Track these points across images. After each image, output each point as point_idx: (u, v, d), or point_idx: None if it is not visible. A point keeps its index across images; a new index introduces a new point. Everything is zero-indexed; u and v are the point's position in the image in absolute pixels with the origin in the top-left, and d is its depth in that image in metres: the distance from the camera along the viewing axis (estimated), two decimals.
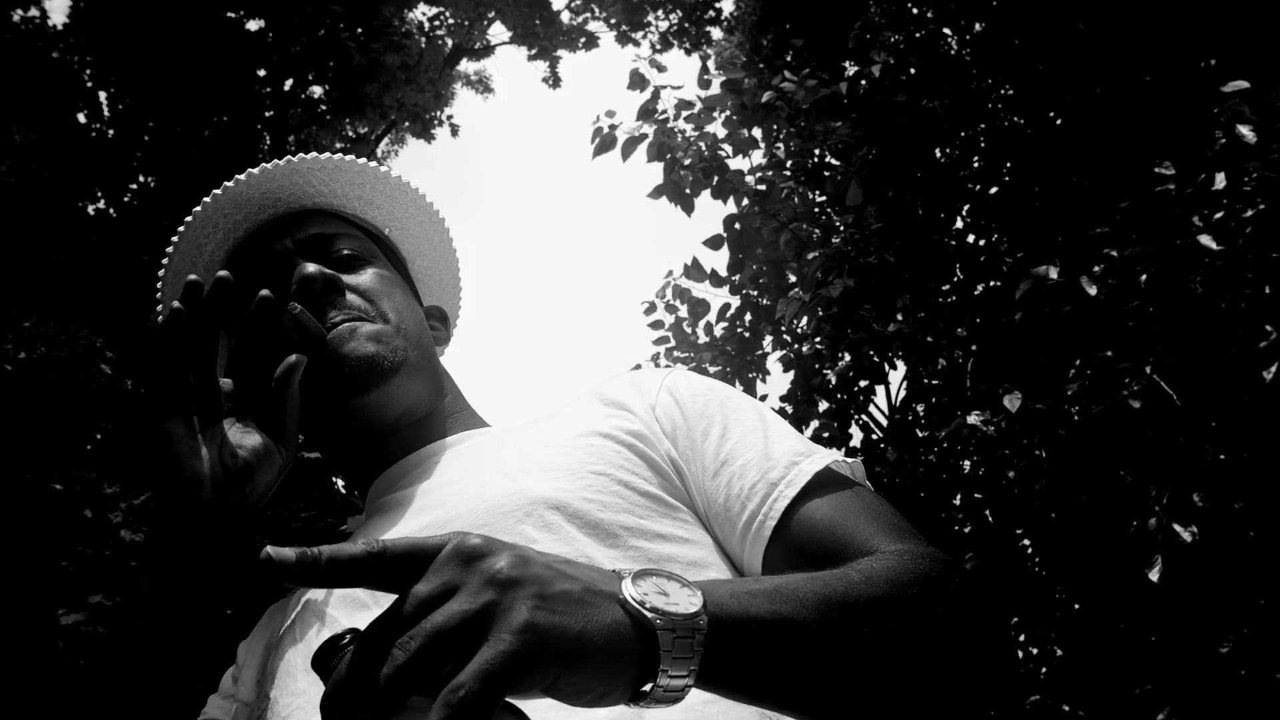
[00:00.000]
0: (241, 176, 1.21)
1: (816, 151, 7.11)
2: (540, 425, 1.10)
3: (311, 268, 1.12)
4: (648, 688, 0.60)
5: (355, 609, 0.96)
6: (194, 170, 10.10)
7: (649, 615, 0.60)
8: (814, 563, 0.87)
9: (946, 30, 10.73)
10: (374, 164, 1.29)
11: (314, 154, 1.24)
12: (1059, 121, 9.16)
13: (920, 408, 5.82)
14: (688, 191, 6.28)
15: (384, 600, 0.92)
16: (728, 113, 6.67)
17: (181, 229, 1.22)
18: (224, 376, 1.05)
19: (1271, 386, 3.07)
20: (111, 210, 10.90)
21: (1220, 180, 2.85)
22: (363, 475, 1.18)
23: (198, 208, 1.21)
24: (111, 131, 11.37)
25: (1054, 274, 3.15)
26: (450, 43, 14.61)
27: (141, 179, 11.08)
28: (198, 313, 0.96)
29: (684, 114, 6.45)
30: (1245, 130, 2.79)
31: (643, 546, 0.91)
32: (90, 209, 10.87)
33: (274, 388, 1.02)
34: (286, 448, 1.02)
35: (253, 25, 11.64)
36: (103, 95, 11.30)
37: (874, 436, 5.74)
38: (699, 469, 0.99)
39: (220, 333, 0.99)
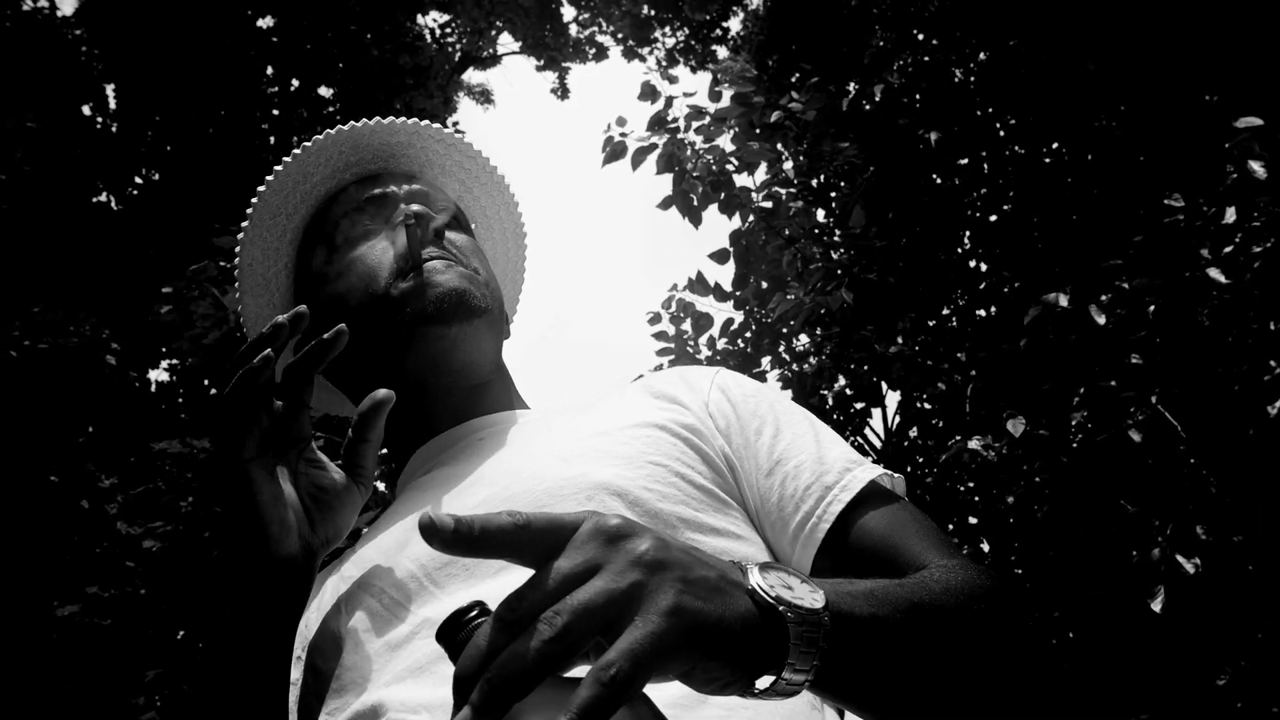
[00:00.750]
0: (370, 122, 1.23)
1: (821, 173, 7.14)
2: (589, 413, 1.10)
3: (419, 206, 1.14)
4: (770, 680, 0.61)
5: (402, 579, 0.95)
6: (197, 167, 10.10)
7: (780, 608, 0.61)
8: (865, 570, 0.89)
9: (952, 56, 10.81)
10: (489, 159, 1.31)
11: (438, 126, 1.27)
12: (1062, 152, 9.22)
13: (914, 432, 5.84)
14: (695, 204, 6.30)
15: (439, 578, 0.92)
16: (736, 128, 6.70)
17: (297, 152, 1.22)
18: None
19: (1276, 422, 3.09)
20: (113, 203, 10.89)
21: (1231, 214, 2.88)
22: (407, 437, 1.16)
23: (319, 137, 1.22)
24: (116, 125, 11.37)
25: (1064, 301, 3.17)
26: (459, 50, 14.64)
27: (145, 174, 11.08)
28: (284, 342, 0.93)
29: (694, 124, 6.47)
30: (1256, 166, 2.82)
31: (699, 540, 0.91)
32: (92, 201, 10.86)
33: (358, 423, 0.98)
34: (364, 486, 0.99)
35: (263, 23, 11.67)
36: (109, 89, 11.30)
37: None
38: (752, 467, 1.00)
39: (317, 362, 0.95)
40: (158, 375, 9.58)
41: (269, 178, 1.22)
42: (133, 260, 8.93)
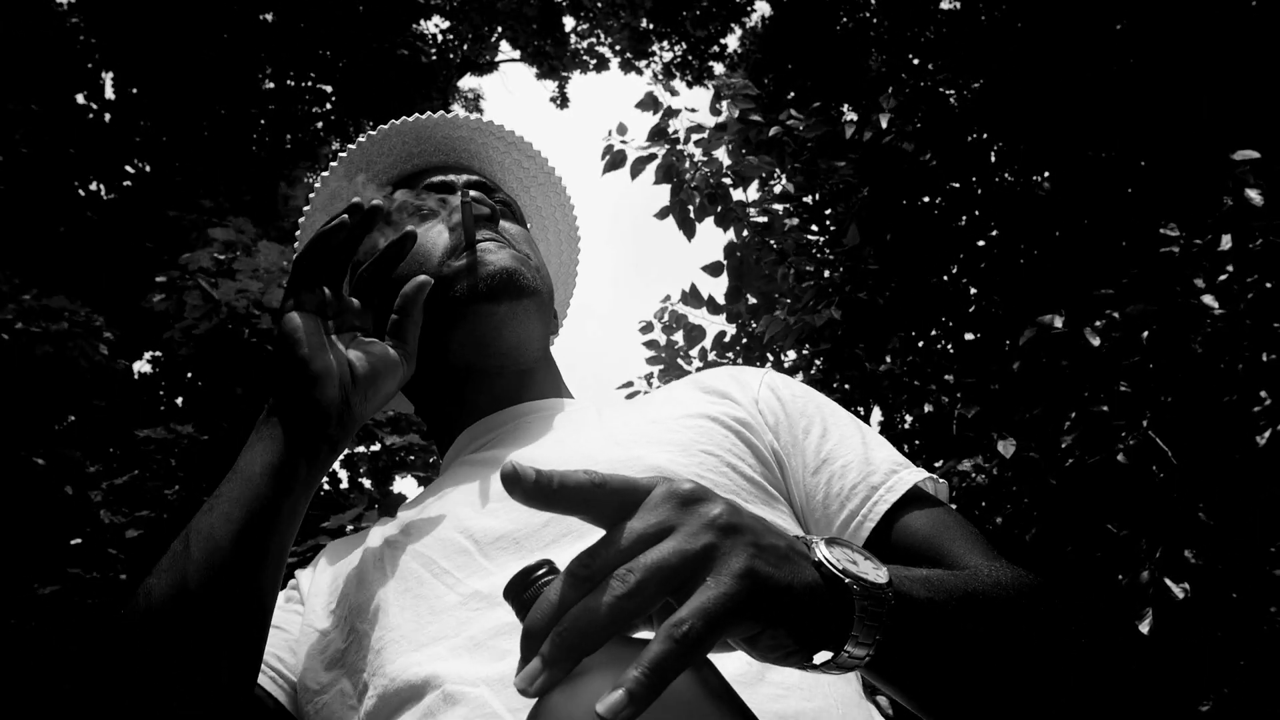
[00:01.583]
0: (435, 115, 1.25)
1: (817, 191, 7.19)
2: (640, 403, 1.12)
3: (476, 192, 1.17)
4: (831, 654, 0.61)
5: (452, 550, 0.96)
6: (191, 160, 10.07)
7: (846, 579, 0.62)
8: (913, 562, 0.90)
9: (950, 79, 10.89)
10: (547, 159, 1.34)
11: (500, 124, 1.29)
12: (1049, 180, 9.29)
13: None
14: (692, 216, 6.32)
15: (490, 552, 0.93)
16: (734, 143, 6.74)
17: (361, 140, 1.25)
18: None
19: (1264, 452, 3.11)
20: (103, 192, 10.84)
21: (1226, 241, 2.91)
22: (454, 418, 1.18)
23: (384, 125, 1.25)
24: (109, 116, 11.33)
25: (1059, 323, 3.19)
26: (459, 56, 14.67)
27: (137, 165, 11.03)
28: (352, 229, 0.99)
29: (695, 137, 6.51)
30: (1253, 194, 2.86)
31: None
32: (81, 190, 10.81)
33: (401, 302, 1.04)
34: (408, 361, 1.04)
35: (264, 18, 11.65)
36: (105, 78, 11.26)
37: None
38: (799, 464, 1.01)
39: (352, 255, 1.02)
40: (140, 366, 9.52)
41: (333, 164, 1.26)
42: (125, 250, 8.89)
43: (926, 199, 8.27)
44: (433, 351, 1.13)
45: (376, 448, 5.30)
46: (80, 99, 11.08)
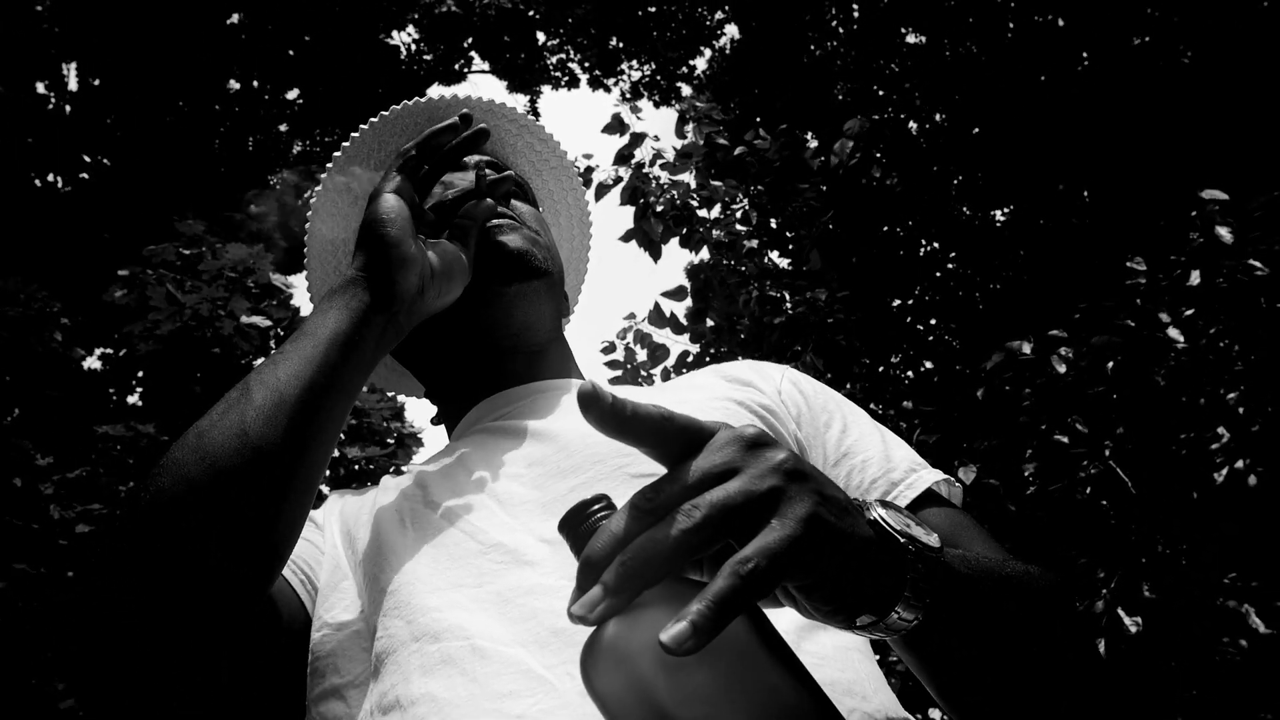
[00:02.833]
0: (448, 96, 1.25)
1: (779, 215, 7.23)
2: (658, 388, 1.14)
3: (490, 172, 1.17)
4: (879, 614, 0.62)
5: (473, 504, 0.95)
6: (153, 156, 9.93)
7: (902, 540, 0.62)
8: None
9: (908, 112, 11.05)
10: (559, 143, 1.34)
11: (513, 106, 1.30)
12: (1012, 213, 9.44)
13: None
14: (657, 239, 6.34)
15: (514, 510, 0.94)
16: (700, 164, 6.76)
17: (374, 120, 1.25)
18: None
19: (1222, 489, 3.17)
20: (60, 184, 10.66)
21: (1195, 277, 2.97)
22: (464, 396, 1.17)
23: (397, 106, 1.25)
24: (69, 107, 11.16)
25: (1027, 349, 3.24)
26: (424, 67, 14.63)
27: (95, 158, 10.87)
28: (466, 139, 1.07)
29: (659, 162, 6.53)
30: (1223, 231, 2.93)
31: None
32: (37, 181, 10.63)
33: (466, 213, 1.09)
34: (471, 269, 1.07)
35: (233, 19, 11.55)
36: (69, 69, 11.10)
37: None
38: (820, 456, 1.02)
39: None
40: (91, 362, 9.37)
41: (345, 144, 1.24)
42: (82, 242, 8.74)
43: (887, 228, 8.37)
44: (444, 329, 1.14)
45: (335, 453, 5.26)
46: (41, 88, 10.92)
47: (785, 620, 0.76)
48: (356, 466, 5.36)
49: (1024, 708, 0.75)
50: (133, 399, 8.21)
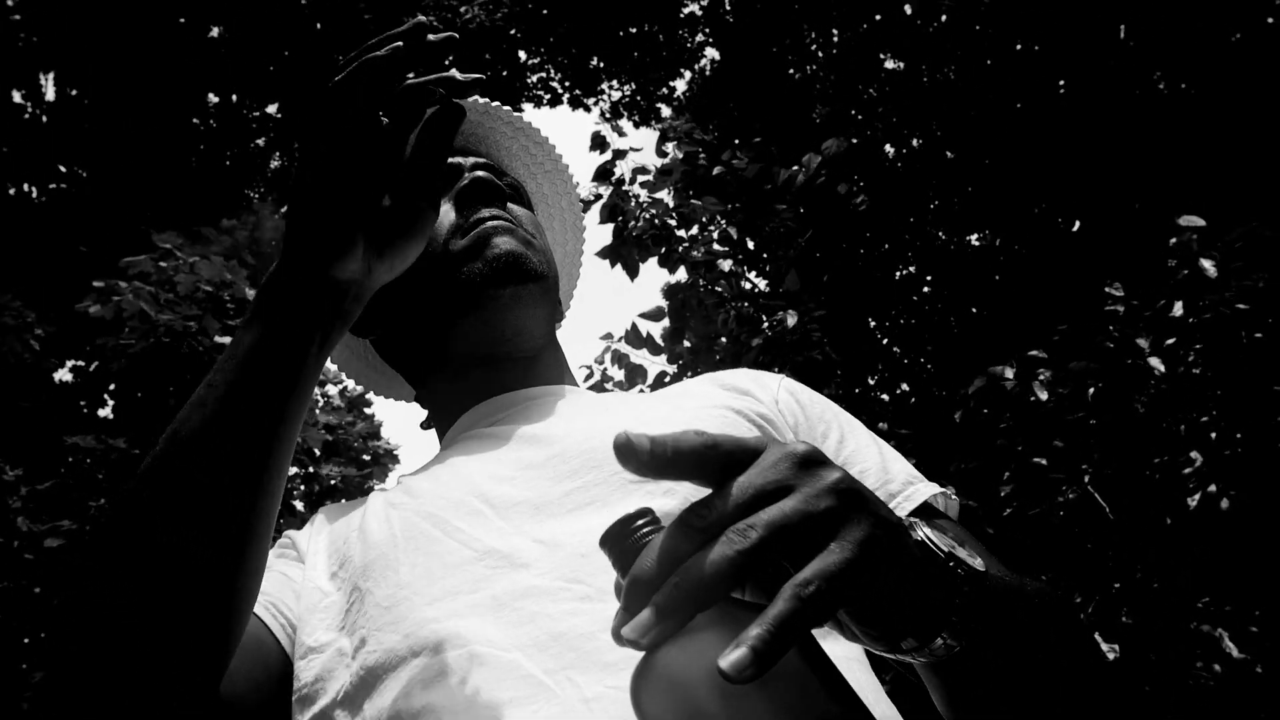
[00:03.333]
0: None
1: (756, 235, 7.26)
2: (653, 395, 1.11)
3: (485, 173, 1.14)
4: (923, 640, 0.60)
5: (465, 511, 0.93)
6: (129, 167, 9.87)
7: (951, 564, 0.61)
8: None
9: (885, 135, 11.14)
10: (555, 147, 1.32)
11: (509, 109, 1.27)
12: (987, 238, 9.51)
13: None
14: (635, 257, 6.34)
15: (507, 514, 0.90)
16: (679, 184, 6.78)
17: None
18: None
19: (1195, 514, 3.19)
20: (34, 194, 10.58)
21: (1179, 309, 3.00)
22: (455, 401, 1.14)
23: None
24: (46, 117, 11.09)
25: (1010, 374, 3.25)
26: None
27: (71, 168, 10.80)
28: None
29: (640, 179, 6.54)
30: (1207, 264, 2.95)
31: None
32: (11, 189, 10.54)
33: (426, 131, 0.85)
34: (434, 213, 0.89)
35: (213, 32, 11.52)
36: (46, 78, 11.03)
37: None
38: None
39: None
40: (62, 374, 9.27)
41: None
42: (56, 253, 8.66)
43: (864, 250, 8.41)
44: (436, 333, 1.11)
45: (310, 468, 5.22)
46: (18, 97, 10.84)
47: None
48: (333, 482, 5.31)
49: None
50: (104, 411, 8.13)
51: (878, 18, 11.61)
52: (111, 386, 6.90)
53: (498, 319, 1.09)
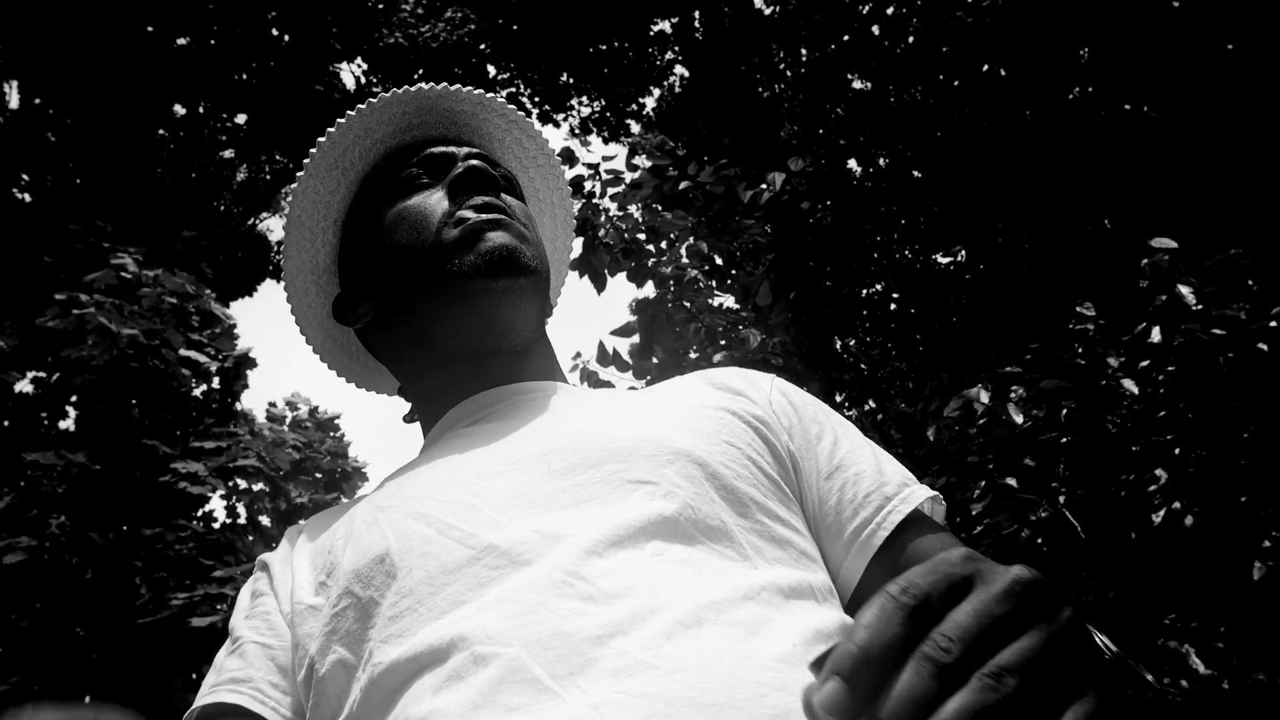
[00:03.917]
0: (438, 86, 1.19)
1: (725, 250, 7.28)
2: (649, 391, 1.08)
3: (480, 163, 1.12)
4: None
5: (458, 509, 0.89)
6: (93, 177, 9.76)
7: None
8: None
9: (852, 153, 11.23)
10: (547, 140, 1.29)
11: (502, 100, 1.25)
12: (953, 255, 9.60)
13: None
14: (604, 271, 6.34)
15: (504, 509, 0.87)
16: (649, 198, 6.80)
17: (361, 107, 1.17)
18: None
19: (1160, 530, 3.22)
20: None
21: (1156, 334, 3.02)
22: (442, 396, 1.11)
23: (386, 94, 1.18)
24: (9, 125, 10.95)
25: (985, 397, 3.26)
26: (379, 94, 14.59)
27: (33, 177, 10.67)
28: None
29: (610, 191, 6.55)
30: (1185, 290, 2.99)
31: (767, 522, 0.89)
32: None
33: None
34: None
35: (181, 42, 11.43)
36: (9, 87, 10.89)
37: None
38: (812, 468, 0.99)
39: None
40: (23, 386, 9.12)
41: (330, 130, 1.18)
42: (17, 263, 8.54)
43: (830, 268, 8.47)
44: (424, 324, 1.09)
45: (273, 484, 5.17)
46: None
47: (793, 629, 0.74)
48: (300, 501, 5.26)
49: None
50: (65, 423, 8.01)
51: (845, 38, 11.72)
52: (74, 399, 6.81)
53: (489, 312, 1.06)
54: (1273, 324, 2.87)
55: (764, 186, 6.34)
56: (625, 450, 0.90)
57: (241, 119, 11.94)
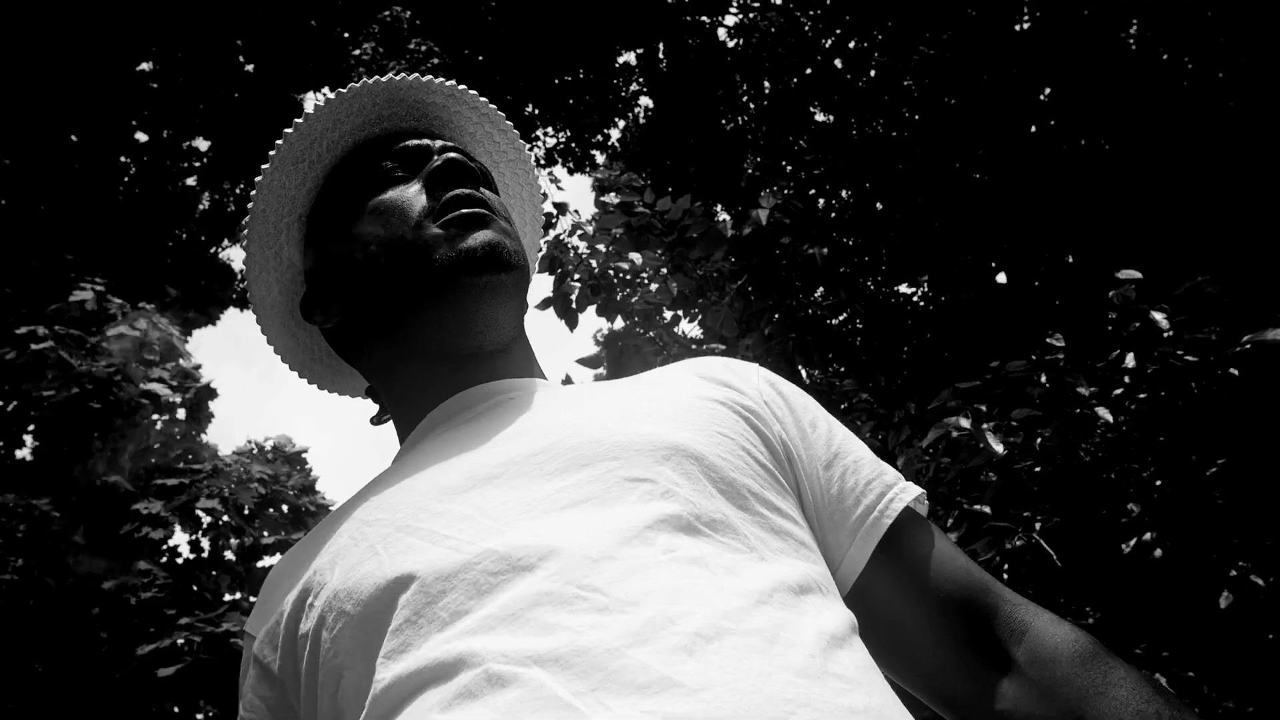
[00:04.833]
0: (409, 77, 1.16)
1: (692, 283, 7.31)
2: (637, 384, 1.03)
3: (459, 155, 1.08)
4: None
5: (450, 518, 0.87)
6: (52, 205, 9.65)
7: None
8: (922, 572, 0.93)
9: (814, 189, 11.34)
10: (518, 135, 1.26)
11: (474, 93, 1.22)
12: (919, 285, 9.69)
13: None
14: (574, 307, 6.35)
15: (498, 514, 0.84)
16: (619, 232, 6.82)
17: (330, 97, 1.13)
18: None
19: (1130, 558, 3.24)
20: None
21: (1130, 360, 3.06)
22: (420, 397, 1.07)
23: (356, 84, 1.14)
24: None
25: (965, 423, 3.27)
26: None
27: None
28: None
29: (578, 232, 6.58)
30: (1159, 317, 3.03)
31: (765, 514, 0.87)
32: None
33: None
34: None
35: (143, 66, 11.35)
36: None
37: None
38: (810, 456, 0.97)
39: None
40: None
41: (298, 120, 1.13)
42: None
43: (795, 301, 8.51)
44: (401, 322, 1.05)
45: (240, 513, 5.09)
46: None
47: (808, 634, 0.73)
48: (265, 541, 5.18)
49: None
50: (22, 452, 7.87)
51: (808, 71, 11.85)
52: (31, 428, 6.69)
53: (472, 309, 1.02)
54: (1245, 348, 2.91)
55: (748, 229, 6.38)
56: (619, 446, 0.88)
57: (204, 145, 11.87)
